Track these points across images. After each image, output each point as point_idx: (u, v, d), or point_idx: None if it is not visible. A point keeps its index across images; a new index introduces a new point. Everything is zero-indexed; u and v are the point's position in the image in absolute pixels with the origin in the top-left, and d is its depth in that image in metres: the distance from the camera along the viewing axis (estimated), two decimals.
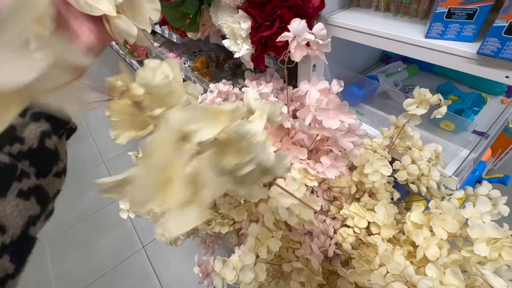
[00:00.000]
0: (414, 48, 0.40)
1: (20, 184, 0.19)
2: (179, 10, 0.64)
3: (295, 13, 0.47)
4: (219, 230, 0.58)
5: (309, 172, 0.48)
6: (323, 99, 0.36)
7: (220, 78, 1.51)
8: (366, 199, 0.51)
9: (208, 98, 0.72)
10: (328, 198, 0.57)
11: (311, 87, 0.38)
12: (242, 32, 0.49)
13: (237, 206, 0.56)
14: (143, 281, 1.18)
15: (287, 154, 0.50)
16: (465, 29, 0.36)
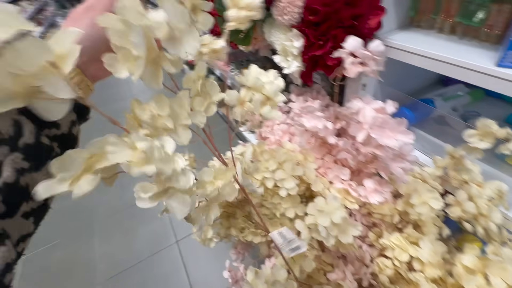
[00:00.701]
0: (483, 76, 0.37)
1: None
2: None
3: (350, 34, 0.47)
4: (251, 239, 0.59)
5: (350, 194, 0.47)
6: (378, 116, 0.35)
7: None
8: (410, 231, 0.47)
9: None
10: (366, 223, 0.55)
11: (365, 105, 0.38)
12: (294, 50, 0.51)
13: (271, 218, 0.56)
14: (174, 274, 1.25)
15: (329, 172, 0.49)
16: None
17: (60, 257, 1.41)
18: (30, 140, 0.23)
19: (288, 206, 0.50)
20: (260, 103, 0.32)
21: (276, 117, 0.33)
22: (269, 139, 0.70)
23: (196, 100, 0.31)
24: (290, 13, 0.49)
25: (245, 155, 0.54)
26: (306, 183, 0.50)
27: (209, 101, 0.31)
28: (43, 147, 0.24)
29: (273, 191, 0.53)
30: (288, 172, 0.45)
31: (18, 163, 0.22)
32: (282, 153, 0.51)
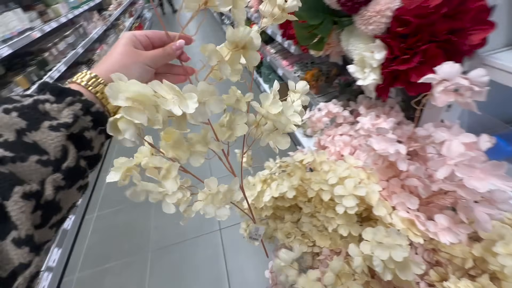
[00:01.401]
0: None
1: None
2: (310, 31, 0.67)
3: (445, 50, 0.42)
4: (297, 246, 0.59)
5: (415, 226, 0.42)
6: (468, 154, 0.31)
7: (326, 92, 1.50)
8: (485, 282, 0.41)
9: (315, 116, 0.73)
10: (429, 260, 0.49)
11: (452, 137, 0.33)
12: (374, 61, 0.48)
13: (321, 231, 0.55)
14: (213, 258, 1.32)
15: (393, 197, 0.46)
16: None
17: (123, 221, 1.62)
18: (71, 164, 0.26)
19: (342, 223, 0.48)
20: (270, 132, 0.38)
21: (285, 147, 0.39)
22: (328, 149, 0.68)
23: (220, 130, 0.39)
24: (376, 23, 0.46)
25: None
26: (366, 203, 0.47)
27: (230, 133, 0.39)
28: (80, 169, 0.27)
29: (327, 204, 0.52)
30: (349, 190, 0.43)
31: (58, 182, 0.25)
32: (344, 168, 0.49)
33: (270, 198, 0.54)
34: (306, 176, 0.54)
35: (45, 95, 0.26)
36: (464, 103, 0.33)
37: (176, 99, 0.28)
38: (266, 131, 0.37)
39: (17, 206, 0.21)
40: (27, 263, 0.22)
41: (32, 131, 0.24)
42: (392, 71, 0.47)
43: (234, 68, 0.33)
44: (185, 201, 0.38)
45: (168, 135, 0.35)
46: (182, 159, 0.35)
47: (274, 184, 0.54)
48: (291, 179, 0.51)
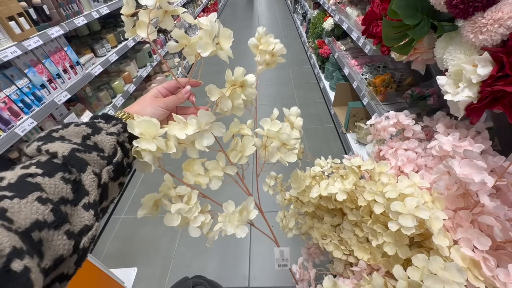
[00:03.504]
0: None
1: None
2: (401, 31, 0.62)
3: None
4: (331, 249, 0.58)
5: (479, 268, 0.38)
6: None
7: (394, 101, 1.38)
8: None
9: (381, 124, 0.68)
10: None
11: None
12: (474, 76, 0.42)
13: (362, 242, 0.53)
14: (240, 239, 1.38)
15: (458, 231, 0.41)
16: None
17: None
18: (119, 159, 0.35)
19: (389, 241, 0.45)
20: (277, 149, 0.43)
21: (291, 160, 0.42)
22: (388, 162, 0.64)
23: (230, 154, 0.44)
24: (489, 33, 0.40)
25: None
26: (423, 228, 0.43)
27: (241, 155, 0.44)
28: (124, 165, 0.36)
29: (377, 217, 0.49)
30: (409, 209, 0.40)
31: (110, 172, 0.33)
32: (406, 184, 0.45)
33: (317, 195, 0.53)
34: (360, 183, 0.52)
35: (98, 120, 0.37)
36: None
37: (181, 126, 0.37)
38: (274, 148, 0.42)
39: (90, 177, 0.30)
40: (90, 226, 0.29)
41: (96, 135, 0.34)
42: (495, 91, 0.40)
43: (236, 103, 0.40)
44: (207, 223, 0.44)
45: (188, 165, 0.43)
46: (203, 185, 0.42)
47: (324, 182, 0.53)
48: (344, 182, 0.49)
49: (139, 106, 0.42)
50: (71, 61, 1.50)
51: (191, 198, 0.41)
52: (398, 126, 0.68)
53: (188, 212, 0.40)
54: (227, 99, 0.39)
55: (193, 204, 0.41)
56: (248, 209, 0.44)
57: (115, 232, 1.54)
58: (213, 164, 0.43)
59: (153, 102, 0.41)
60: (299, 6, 4.34)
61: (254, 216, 0.44)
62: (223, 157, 0.43)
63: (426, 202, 0.43)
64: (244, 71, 0.38)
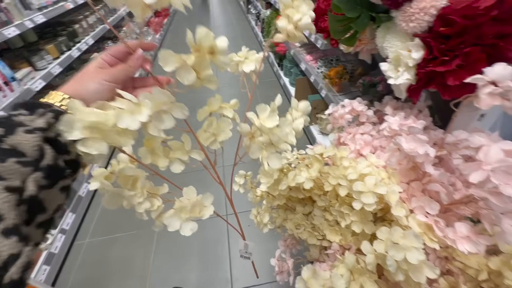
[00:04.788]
0: None
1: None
2: (345, 24, 0.66)
3: (488, 54, 0.41)
4: (306, 237, 0.60)
5: (433, 231, 0.42)
6: (508, 160, 0.30)
7: (348, 91, 1.48)
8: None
9: (338, 112, 0.73)
10: (440, 268, 0.49)
11: (491, 142, 0.33)
12: (410, 61, 0.46)
13: (332, 226, 0.55)
14: (217, 243, 1.36)
15: (412, 200, 0.45)
16: None
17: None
18: (50, 162, 0.27)
19: (356, 219, 0.48)
20: (263, 145, 0.35)
21: (276, 165, 0.35)
22: (348, 147, 0.68)
23: (202, 135, 0.37)
24: (417, 21, 0.45)
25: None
26: (383, 203, 0.47)
27: (213, 138, 0.37)
28: (59, 168, 0.28)
29: (343, 200, 0.52)
30: (369, 187, 0.43)
31: (39, 180, 0.26)
32: (365, 165, 0.49)
33: (286, 187, 0.54)
34: (324, 169, 0.54)
35: (17, 111, 0.28)
36: (510, 108, 0.31)
37: (131, 108, 0.28)
38: (260, 143, 0.35)
39: (0, 197, 0.23)
40: (17, 253, 0.23)
41: (9, 136, 0.25)
42: (428, 72, 0.45)
43: (205, 75, 0.30)
44: (156, 209, 0.39)
45: (148, 141, 0.36)
46: (160, 166, 0.36)
47: (291, 173, 0.55)
48: (309, 170, 0.52)
49: (78, 82, 0.32)
50: (5, 77, 1.34)
51: (137, 181, 0.36)
52: (353, 113, 0.72)
53: (131, 196, 0.35)
54: (189, 70, 0.29)
55: (139, 188, 0.36)
56: (202, 205, 0.39)
57: (81, 259, 1.41)
58: (178, 145, 0.37)
59: (96, 75, 0.32)
60: (252, 6, 4.40)
61: (208, 216, 0.40)
62: (188, 139, 0.37)
63: (383, 178, 0.46)
64: (213, 35, 0.29)
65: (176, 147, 0.37)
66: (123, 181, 0.36)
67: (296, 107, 0.42)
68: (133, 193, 0.36)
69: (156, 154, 0.36)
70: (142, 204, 0.37)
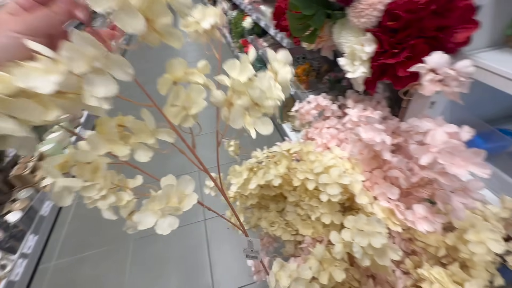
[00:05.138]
0: None
1: None
2: (303, 22, 0.67)
3: (431, 46, 0.43)
4: (280, 234, 0.60)
5: (395, 215, 0.44)
6: (451, 141, 0.32)
7: (316, 88, 1.52)
8: (456, 269, 0.43)
9: (304, 108, 0.74)
10: (405, 249, 0.51)
11: (437, 126, 0.35)
12: (363, 54, 0.49)
13: (305, 220, 0.56)
14: (196, 249, 1.32)
15: (375, 187, 0.47)
16: None
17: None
18: None
19: (325, 211, 0.49)
20: (246, 110, 0.28)
21: (267, 130, 0.29)
22: (315, 141, 0.69)
23: (169, 111, 0.28)
24: (367, 16, 0.47)
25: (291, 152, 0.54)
26: (349, 193, 0.48)
27: (184, 113, 0.29)
28: None
29: (312, 193, 0.53)
30: (334, 179, 0.44)
31: None
32: (329, 157, 0.50)
33: (256, 186, 0.54)
34: (292, 165, 0.55)
35: None
36: (450, 93, 0.34)
37: (43, 69, 0.20)
38: (241, 108, 0.28)
39: None
40: None
41: None
42: (380, 65, 0.48)
43: (162, 24, 0.23)
44: (126, 205, 0.31)
45: (101, 125, 0.28)
46: (120, 155, 0.29)
47: (260, 172, 0.55)
48: (277, 167, 0.52)
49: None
50: None
51: (97, 170, 0.28)
52: (318, 108, 0.74)
53: (86, 189, 0.28)
54: (133, 13, 0.21)
55: (100, 179, 0.28)
56: (183, 193, 0.31)
57: (47, 284, 1.30)
58: (139, 126, 0.29)
59: (5, 25, 0.23)
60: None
61: (190, 206, 0.32)
62: (149, 115, 0.29)
63: (347, 169, 0.48)
64: None
65: (137, 128, 0.29)
66: (79, 171, 0.28)
67: (275, 58, 0.35)
68: (89, 183, 0.28)
69: (112, 140, 0.28)
70: (105, 199, 0.29)
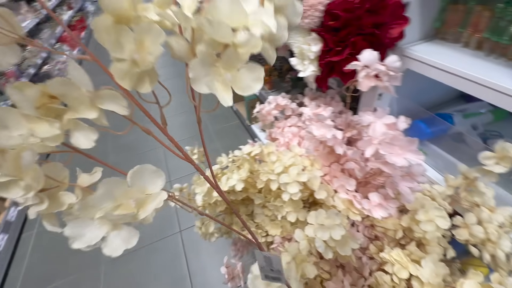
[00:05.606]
0: (505, 97, 0.36)
1: None
2: None
3: (370, 42, 0.46)
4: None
5: (353, 205, 0.46)
6: (389, 133, 0.34)
7: (279, 87, 1.54)
8: (413, 248, 0.46)
9: (265, 109, 0.75)
10: (369, 235, 0.54)
11: (376, 119, 0.37)
12: (311, 54, 0.50)
13: (273, 220, 0.56)
14: (174, 262, 1.28)
15: (334, 181, 0.49)
16: None
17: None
18: None
19: (290, 210, 0.50)
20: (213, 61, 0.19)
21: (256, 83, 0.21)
22: (278, 141, 0.70)
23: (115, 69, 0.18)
24: (310, 17, 0.48)
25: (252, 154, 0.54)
26: (310, 189, 0.50)
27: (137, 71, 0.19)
28: None
29: (276, 193, 0.53)
30: (293, 177, 0.45)
31: None
32: (289, 157, 0.51)
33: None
34: (255, 167, 0.55)
35: None
36: (383, 86, 0.36)
37: None
38: (205, 56, 0.20)
39: None
40: None
41: None
42: (327, 63, 0.49)
43: None
44: (69, 211, 0.22)
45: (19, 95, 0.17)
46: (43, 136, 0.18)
47: (224, 178, 0.54)
48: (239, 172, 0.52)
49: None
50: None
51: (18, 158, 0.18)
52: (279, 108, 0.75)
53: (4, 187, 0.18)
54: None
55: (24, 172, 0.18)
56: (143, 191, 0.21)
57: None
58: (70, 90, 0.18)
59: None
60: None
61: (150, 212, 0.21)
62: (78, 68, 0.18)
63: (306, 167, 0.49)
64: None
65: (70, 96, 0.18)
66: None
67: None
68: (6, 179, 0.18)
69: (31, 117, 0.18)
70: (36, 202, 0.20)
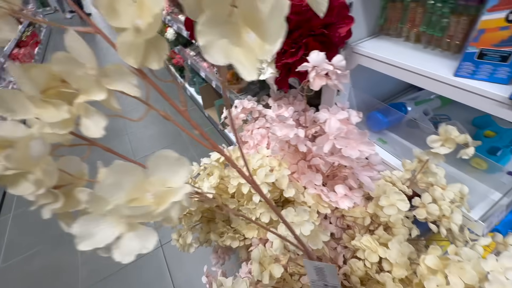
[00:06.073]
0: (442, 85, 0.39)
1: None
2: None
3: (321, 42, 0.48)
4: (229, 243, 0.60)
5: (322, 199, 0.48)
6: (343, 127, 0.36)
7: (248, 89, 1.55)
8: (381, 233, 0.49)
9: (233, 113, 0.75)
10: (341, 226, 0.56)
11: (331, 116, 0.39)
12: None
13: (248, 223, 0.57)
14: (158, 279, 1.23)
15: (302, 177, 0.50)
16: (498, 71, 0.35)
17: (41, 264, 1.36)
18: None
19: (263, 211, 0.51)
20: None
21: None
22: (248, 144, 0.71)
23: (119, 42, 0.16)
24: None
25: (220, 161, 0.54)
26: (279, 189, 0.51)
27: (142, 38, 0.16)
28: None
29: (249, 196, 0.54)
30: (261, 179, 0.46)
31: None
32: (257, 159, 0.51)
33: (194, 201, 0.53)
34: (225, 173, 0.55)
35: None
36: (333, 84, 0.38)
37: None
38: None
39: None
40: None
41: None
42: (284, 64, 0.51)
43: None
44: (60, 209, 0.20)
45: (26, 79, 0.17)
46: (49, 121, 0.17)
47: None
48: (209, 179, 0.51)
49: None
50: None
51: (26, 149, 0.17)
52: (246, 111, 0.76)
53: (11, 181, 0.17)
54: None
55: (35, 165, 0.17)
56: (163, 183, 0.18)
57: None
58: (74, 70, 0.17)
59: None
60: None
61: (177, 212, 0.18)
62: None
63: (274, 167, 0.50)
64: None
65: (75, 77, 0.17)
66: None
67: None
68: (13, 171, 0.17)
69: (37, 101, 0.16)
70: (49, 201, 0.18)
